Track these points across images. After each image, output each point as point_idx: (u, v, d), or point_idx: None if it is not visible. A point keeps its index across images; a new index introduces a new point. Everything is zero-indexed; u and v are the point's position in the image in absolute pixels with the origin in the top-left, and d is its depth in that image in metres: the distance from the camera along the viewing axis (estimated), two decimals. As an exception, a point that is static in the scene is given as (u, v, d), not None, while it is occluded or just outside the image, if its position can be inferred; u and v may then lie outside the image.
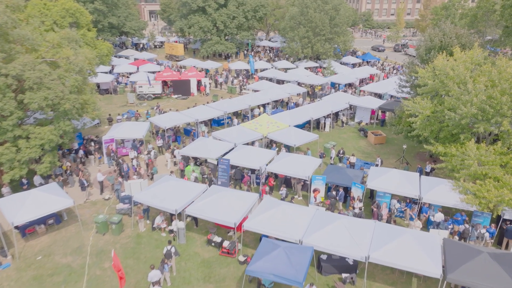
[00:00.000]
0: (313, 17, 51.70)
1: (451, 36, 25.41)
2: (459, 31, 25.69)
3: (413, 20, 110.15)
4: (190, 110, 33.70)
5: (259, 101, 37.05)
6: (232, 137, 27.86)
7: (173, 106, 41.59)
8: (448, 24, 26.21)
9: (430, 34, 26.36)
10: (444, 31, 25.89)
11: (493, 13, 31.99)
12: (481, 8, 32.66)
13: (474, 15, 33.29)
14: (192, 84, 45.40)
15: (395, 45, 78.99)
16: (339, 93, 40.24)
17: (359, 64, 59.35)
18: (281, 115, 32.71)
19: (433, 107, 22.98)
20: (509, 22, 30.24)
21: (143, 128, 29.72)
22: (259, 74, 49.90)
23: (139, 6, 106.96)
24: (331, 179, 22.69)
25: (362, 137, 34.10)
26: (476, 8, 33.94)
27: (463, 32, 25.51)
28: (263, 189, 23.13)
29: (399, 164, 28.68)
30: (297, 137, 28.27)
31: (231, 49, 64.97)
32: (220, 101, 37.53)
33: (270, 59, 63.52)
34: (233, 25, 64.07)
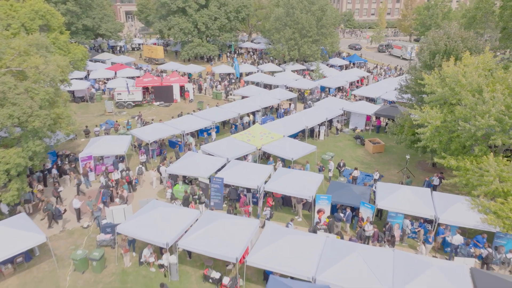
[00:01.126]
0: (299, 18, 49.77)
1: (456, 40, 23.82)
2: (464, 34, 24.13)
3: (394, 20, 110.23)
4: (175, 121, 31.11)
5: (248, 108, 34.77)
6: (224, 151, 25.51)
7: (156, 115, 38.83)
8: (453, 26, 24.62)
9: (434, 38, 24.70)
10: (449, 34, 24.27)
11: (492, 14, 30.86)
12: (480, 9, 31.53)
13: (473, 16, 32.14)
14: (175, 90, 42.71)
15: (379, 45, 78.15)
16: (332, 98, 38.40)
17: (346, 66, 57.93)
18: (273, 124, 30.54)
19: (443, 116, 21.26)
20: (509, 23, 29.02)
21: (125, 142, 26.98)
22: (245, 78, 47.61)
23: (115, 7, 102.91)
24: (337, 198, 20.65)
25: (359, 145, 32.29)
26: (475, 9, 32.82)
27: (469, 35, 23.96)
28: (246, 209, 20.88)
29: (402, 175, 26.95)
30: (293, 149, 26.16)
31: (213, 52, 62.42)
32: (207, 109, 35.05)
33: (254, 62, 61.27)
34: (215, 26, 61.52)
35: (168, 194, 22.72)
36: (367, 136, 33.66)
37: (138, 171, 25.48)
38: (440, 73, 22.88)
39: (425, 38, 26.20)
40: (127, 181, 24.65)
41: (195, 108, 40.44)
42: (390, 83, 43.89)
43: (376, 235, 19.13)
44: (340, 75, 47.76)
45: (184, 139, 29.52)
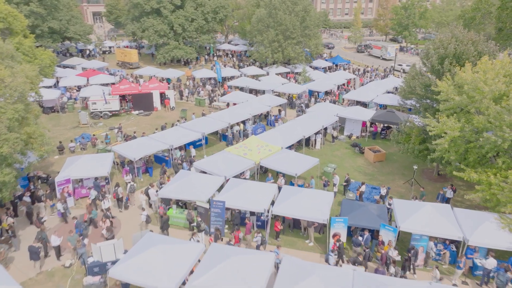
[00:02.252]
0: (283, 19, 47.78)
1: (466, 43, 22.41)
2: (473, 36, 22.77)
3: (368, 19, 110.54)
4: (161, 134, 28.31)
5: (238, 117, 32.36)
6: (220, 168, 23.05)
7: (136, 125, 35.79)
8: (460, 28, 23.22)
9: (442, 41, 23.21)
10: (457, 37, 22.85)
11: (489, 15, 30.01)
12: (479, 9, 30.61)
13: (472, 17, 31.19)
14: (155, 98, 39.69)
15: (358, 45, 77.45)
16: (324, 103, 36.57)
17: (329, 68, 56.51)
18: (268, 134, 28.32)
19: (460, 126, 19.71)
20: (507, 24, 28.15)
21: (107, 161, 24.02)
22: (229, 83, 45.11)
23: (81, 8, 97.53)
24: (354, 220, 18.67)
25: (358, 154, 30.58)
26: (473, 10, 31.87)
27: (479, 37, 22.62)
28: (236, 235, 18.59)
29: (410, 187, 25.41)
30: (295, 163, 24.04)
31: (191, 54, 59.52)
32: (194, 119, 32.37)
33: (235, 65, 58.79)
34: (192, 28, 58.66)
35: (143, 217, 20.10)
36: (364, 143, 32.07)
37: (129, 189, 22.81)
38: (454, 79, 21.40)
39: (430, 41, 24.64)
40: (114, 198, 22.03)
41: (178, 117, 37.70)
42: (379, 86, 42.70)
43: (384, 258, 17.19)
44: (327, 78, 46.11)
45: (173, 154, 26.80)
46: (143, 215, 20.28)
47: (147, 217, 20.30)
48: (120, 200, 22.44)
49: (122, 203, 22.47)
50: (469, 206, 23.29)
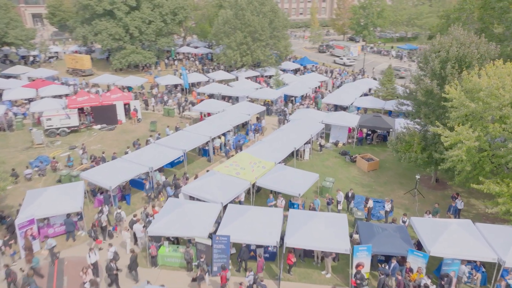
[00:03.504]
0: (251, 21, 45.37)
1: (469, 45, 21.32)
2: (474, 38, 21.75)
3: (323, 19, 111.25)
4: (136, 154, 24.85)
5: (218, 128, 29.52)
6: (213, 193, 20.22)
7: (100, 142, 31.80)
8: (460, 30, 22.12)
9: (442, 43, 21.97)
10: (458, 39, 21.72)
11: (472, 14, 29.61)
12: (464, 9, 30.09)
13: (457, 18, 30.66)
14: (118, 110, 35.70)
15: (320, 46, 76.90)
16: (307, 109, 34.60)
17: (298, 70, 54.96)
18: (257, 148, 25.82)
19: (477, 136, 18.44)
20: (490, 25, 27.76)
21: (77, 192, 20.31)
22: (199, 89, 41.93)
23: (18, 9, 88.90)
24: (379, 247, 16.72)
25: (349, 163, 28.94)
26: (457, 10, 31.31)
27: (481, 40, 21.63)
28: (223, 275, 16.01)
29: (413, 198, 24.10)
30: (295, 180, 21.76)
31: (150, 59, 55.44)
32: (170, 134, 29.11)
33: (199, 70, 55.45)
34: (150, 30, 54.59)
35: (110, 254, 16.96)
36: (352, 151, 30.56)
37: (116, 217, 19.57)
38: (461, 84, 20.19)
39: (428, 44, 23.39)
40: (97, 226, 19.08)
41: (146, 130, 34.18)
42: (355, 88, 41.63)
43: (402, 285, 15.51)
44: (300, 81, 44.33)
45: (153, 177, 23.50)
46: (110, 251, 17.04)
47: (114, 254, 17.08)
48: (103, 229, 19.17)
49: (105, 232, 19.22)
50: (476, 216, 22.38)
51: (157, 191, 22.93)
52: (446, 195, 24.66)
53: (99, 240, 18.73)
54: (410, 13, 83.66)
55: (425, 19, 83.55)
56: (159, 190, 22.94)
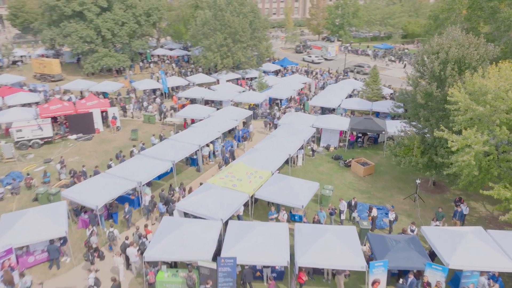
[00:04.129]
0: (231, 22, 43.92)
1: (468, 46, 20.86)
2: (473, 39, 21.33)
3: (296, 19, 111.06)
4: (121, 167, 22.95)
5: (207, 136, 27.97)
6: (210, 209, 18.77)
7: (78, 154, 29.57)
8: (458, 31, 21.66)
9: (440, 45, 21.40)
10: (457, 40, 21.23)
11: (460, 14, 29.46)
12: (453, 9, 29.83)
13: (447, 18, 30.39)
14: (95, 118, 33.43)
15: (296, 46, 76.33)
16: (295, 113, 33.51)
17: (279, 71, 53.98)
18: (251, 156, 24.49)
19: (485, 140, 17.93)
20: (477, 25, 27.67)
21: (60, 214, 18.32)
22: (180, 94, 40.09)
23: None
24: (395, 262, 15.80)
25: (343, 168, 28.10)
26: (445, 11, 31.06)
27: (480, 40, 21.22)
28: None
29: (413, 203, 23.49)
30: (294, 190, 20.59)
31: (124, 62, 52.92)
32: (155, 144, 27.32)
33: (177, 73, 53.38)
34: (123, 32, 52.08)
35: (90, 280, 15.35)
36: (344, 154, 29.82)
37: (109, 237, 17.90)
38: (464, 86, 19.68)
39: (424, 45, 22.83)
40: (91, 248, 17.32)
41: (127, 139, 32.19)
42: (339, 89, 41.00)
43: None
44: (284, 83, 43.33)
45: (142, 192, 21.74)
46: (90, 278, 15.38)
47: (95, 280, 15.43)
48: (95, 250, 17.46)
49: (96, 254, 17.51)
50: (479, 220, 22.02)
51: (151, 204, 21.11)
52: (446, 198, 24.24)
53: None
54: (384, 13, 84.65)
55: (397, 19, 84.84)
56: (153, 203, 21.17)
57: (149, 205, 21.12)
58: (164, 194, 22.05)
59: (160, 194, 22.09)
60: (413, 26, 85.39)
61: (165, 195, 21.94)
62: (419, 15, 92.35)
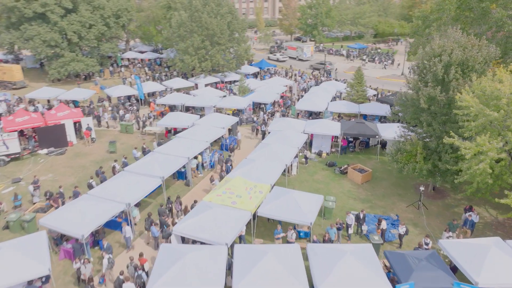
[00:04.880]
0: (208, 23, 41.97)
1: (471, 48, 20.17)
2: (474, 40, 20.68)
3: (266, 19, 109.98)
4: (105, 187, 20.66)
5: (195, 147, 26.03)
6: (212, 232, 17.01)
7: (51, 171, 26.86)
8: (459, 32, 20.96)
9: (442, 47, 20.59)
10: (459, 42, 20.51)
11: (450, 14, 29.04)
12: (444, 10, 29.24)
13: (438, 18, 29.78)
14: (68, 129, 30.64)
15: (271, 47, 75.11)
16: (284, 118, 32.08)
17: (257, 74, 52.50)
18: (246, 169, 22.81)
19: (499, 147, 17.22)
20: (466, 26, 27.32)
21: (40, 247, 15.94)
22: (159, 100, 37.71)
23: None
24: (421, 283, 14.61)
25: (339, 175, 26.98)
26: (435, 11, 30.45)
27: (483, 42, 20.60)
28: None
29: (417, 210, 22.65)
30: (299, 205, 19.13)
31: (93, 67, 49.69)
32: (139, 158, 25.07)
33: (151, 77, 50.68)
34: (91, 35, 48.88)
35: None
36: (338, 161, 28.77)
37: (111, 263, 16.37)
38: (472, 90, 18.95)
39: (424, 48, 21.98)
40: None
41: (104, 152, 29.73)
42: (324, 91, 39.98)
43: None
44: (266, 86, 41.85)
45: (129, 213, 19.61)
46: None
47: None
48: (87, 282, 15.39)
49: None
50: (485, 226, 21.47)
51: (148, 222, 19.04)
52: (447, 204, 23.59)
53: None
54: (354, 13, 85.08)
55: (367, 18, 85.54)
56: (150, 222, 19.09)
57: (146, 223, 19.19)
58: (163, 210, 20.25)
59: (160, 210, 20.28)
60: (383, 25, 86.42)
61: (164, 211, 20.16)
62: (387, 14, 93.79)
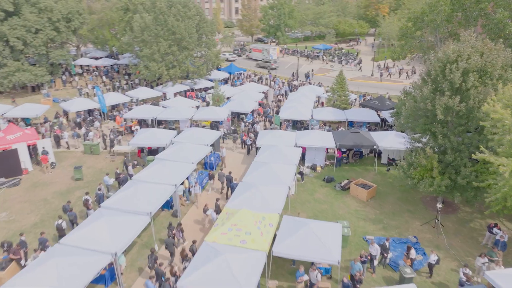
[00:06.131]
0: (175, 27, 38.29)
1: (489, 53, 18.62)
2: (491, 45, 19.17)
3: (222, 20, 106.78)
4: (86, 234, 16.77)
5: (181, 170, 22.68)
6: (226, 284, 13.95)
7: (5, 208, 22.33)
8: (474, 36, 19.37)
9: (458, 52, 18.87)
10: (475, 47, 18.90)
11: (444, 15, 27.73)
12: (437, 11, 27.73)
13: (432, 20, 28.19)
14: (22, 155, 25.97)
15: (234, 49, 72.20)
16: (270, 131, 29.30)
17: (227, 79, 49.40)
18: (248, 196, 19.78)
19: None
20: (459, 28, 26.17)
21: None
22: (126, 114, 33.53)
23: None
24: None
25: (341, 192, 24.77)
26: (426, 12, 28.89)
27: (500, 46, 19.12)
28: None
29: (433, 229, 20.87)
30: (322, 239, 16.47)
31: (42, 77, 44.11)
32: (121, 190, 21.12)
33: (112, 87, 45.94)
34: (38, 41, 43.32)
35: None
36: (333, 174, 26.64)
37: None
38: (499, 99, 17.34)
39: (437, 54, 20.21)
40: None
41: (69, 180, 25.54)
42: (304, 97, 37.73)
43: None
44: (242, 94, 38.88)
45: (117, 261, 15.99)
46: None
47: None
48: None
49: None
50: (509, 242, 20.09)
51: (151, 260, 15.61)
52: (461, 219, 22.04)
53: None
54: (315, 13, 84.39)
55: (328, 18, 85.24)
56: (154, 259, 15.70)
57: (149, 260, 16.40)
58: (171, 242, 17.48)
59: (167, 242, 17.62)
60: (343, 25, 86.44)
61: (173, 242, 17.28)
62: (346, 14, 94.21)
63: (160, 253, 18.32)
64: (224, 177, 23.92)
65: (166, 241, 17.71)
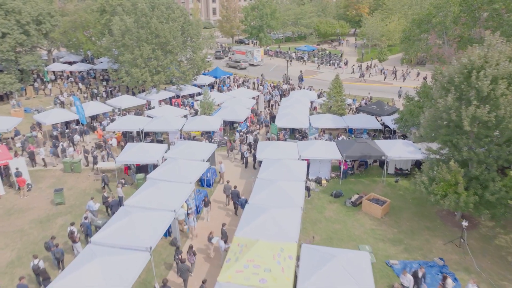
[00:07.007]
0: (159, 30, 35.54)
1: (519, 57, 17.20)
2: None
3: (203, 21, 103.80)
4: (76, 278, 14.14)
5: (178, 192, 20.18)
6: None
7: (-26, 245, 19.19)
8: (499, 40, 17.86)
9: (484, 57, 17.30)
10: (503, 51, 17.37)
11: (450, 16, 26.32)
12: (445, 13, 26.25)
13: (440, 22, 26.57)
14: (-8, 178, 22.88)
15: (216, 51, 69.64)
16: (269, 142, 27.18)
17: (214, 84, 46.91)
18: (260, 224, 17.48)
19: None
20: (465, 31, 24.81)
21: None
22: (109, 127, 30.53)
23: None
24: None
25: (352, 208, 22.89)
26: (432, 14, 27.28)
27: (528, 50, 17.73)
28: None
29: (457, 248, 19.26)
30: (350, 272, 14.49)
31: (11, 85, 40.38)
32: (114, 220, 18.40)
33: (90, 95, 42.61)
34: (6, 46, 39.65)
35: None
36: (339, 187, 24.83)
37: None
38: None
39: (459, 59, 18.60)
40: None
41: (48, 205, 22.60)
42: (298, 103, 35.77)
43: None
44: (233, 100, 36.54)
45: (114, 317, 13.45)
46: None
47: None
48: None
49: None
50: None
51: None
52: (485, 235, 20.56)
53: None
54: (296, 13, 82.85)
55: (309, 19, 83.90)
56: None
57: None
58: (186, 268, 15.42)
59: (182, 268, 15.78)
60: (324, 26, 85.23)
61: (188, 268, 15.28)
62: (326, 14, 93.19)
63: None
64: (230, 191, 21.72)
65: (181, 267, 15.60)
